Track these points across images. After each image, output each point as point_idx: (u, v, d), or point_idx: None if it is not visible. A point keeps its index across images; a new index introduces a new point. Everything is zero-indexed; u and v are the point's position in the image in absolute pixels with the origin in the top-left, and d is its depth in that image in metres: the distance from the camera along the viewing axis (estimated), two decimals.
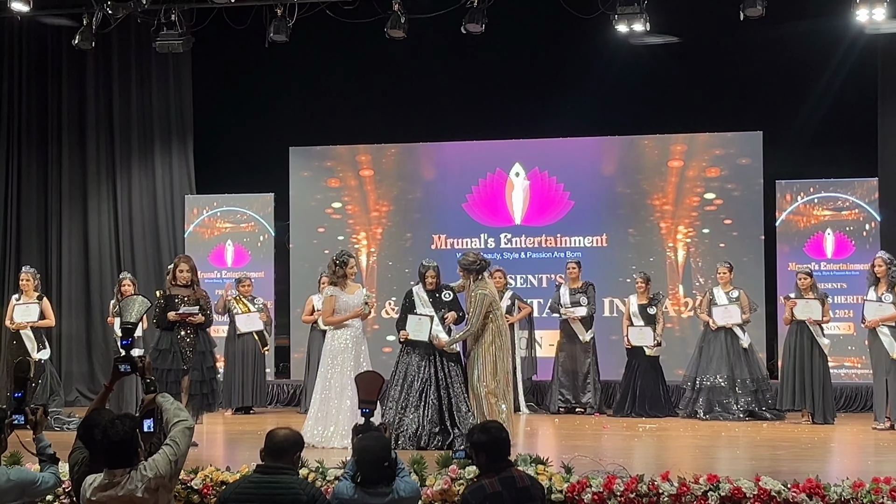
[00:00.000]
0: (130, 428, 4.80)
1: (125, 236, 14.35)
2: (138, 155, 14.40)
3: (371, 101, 13.84)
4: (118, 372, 5.21)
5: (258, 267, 13.94)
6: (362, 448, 5.17)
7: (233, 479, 7.05)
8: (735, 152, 13.48)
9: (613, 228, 13.67)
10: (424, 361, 9.44)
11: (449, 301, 9.65)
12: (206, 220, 14.24)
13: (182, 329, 9.56)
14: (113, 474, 4.78)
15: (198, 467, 7.48)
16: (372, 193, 14.20)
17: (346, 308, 9.59)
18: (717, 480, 6.95)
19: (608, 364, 12.61)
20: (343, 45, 13.39)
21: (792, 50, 12.81)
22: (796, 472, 7.42)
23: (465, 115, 13.72)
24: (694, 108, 13.43)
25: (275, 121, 14.15)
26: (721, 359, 11.70)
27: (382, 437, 5.31)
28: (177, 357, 9.44)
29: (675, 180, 13.55)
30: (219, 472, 7.45)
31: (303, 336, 13.20)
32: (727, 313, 11.74)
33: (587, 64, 13.20)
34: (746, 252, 13.18)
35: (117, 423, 4.80)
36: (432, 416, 9.24)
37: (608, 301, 13.41)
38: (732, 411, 11.59)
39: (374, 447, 5.15)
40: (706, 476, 7.01)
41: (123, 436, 4.76)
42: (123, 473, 4.77)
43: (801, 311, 11.25)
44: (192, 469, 7.38)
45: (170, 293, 9.65)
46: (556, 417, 12.08)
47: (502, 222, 13.78)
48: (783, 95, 13.26)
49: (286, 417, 11.85)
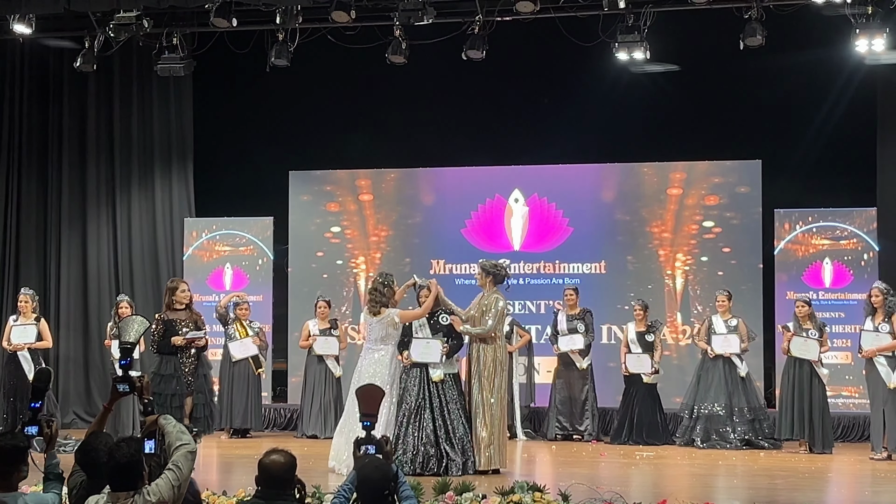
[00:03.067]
0: (136, 450, 4.78)
1: (124, 259, 14.37)
2: (138, 177, 14.44)
3: (371, 126, 13.91)
4: (116, 392, 5.21)
5: (257, 290, 13.96)
6: (363, 477, 5.08)
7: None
8: (734, 181, 13.53)
9: (612, 255, 13.71)
10: (419, 382, 9.42)
11: (447, 325, 9.62)
12: (205, 244, 14.28)
13: (184, 353, 9.56)
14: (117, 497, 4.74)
15: None
16: (371, 218, 14.25)
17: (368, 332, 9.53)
18: None
19: (606, 391, 12.62)
20: (344, 70, 13.45)
21: (792, 79, 12.87)
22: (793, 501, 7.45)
23: (464, 140, 13.78)
24: (693, 136, 13.49)
25: (275, 145, 14.20)
26: (719, 387, 11.71)
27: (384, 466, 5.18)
28: (180, 382, 9.44)
29: (675, 208, 13.60)
30: (215, 497, 7.45)
31: (300, 360, 13.20)
32: (726, 342, 11.76)
33: (588, 91, 13.26)
34: (745, 280, 13.21)
35: (123, 446, 4.78)
36: (427, 437, 9.22)
37: (606, 328, 13.44)
38: (730, 440, 11.59)
39: (376, 477, 5.06)
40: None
41: (130, 458, 4.74)
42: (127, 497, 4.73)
43: (797, 348, 11.26)
44: None
45: (167, 317, 9.65)
46: (554, 444, 12.08)
47: (501, 248, 13.80)
48: (782, 125, 13.32)
49: (283, 441, 11.82)
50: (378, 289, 9.48)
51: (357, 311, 13.81)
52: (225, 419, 12.43)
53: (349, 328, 13.87)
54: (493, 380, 9.34)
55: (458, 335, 9.58)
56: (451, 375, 9.51)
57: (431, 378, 9.37)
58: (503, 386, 9.44)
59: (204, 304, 13.01)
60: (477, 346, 9.43)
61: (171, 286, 9.92)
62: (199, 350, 9.71)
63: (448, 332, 9.56)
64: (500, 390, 9.39)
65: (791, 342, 11.29)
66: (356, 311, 13.86)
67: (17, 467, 4.97)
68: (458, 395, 9.43)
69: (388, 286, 9.49)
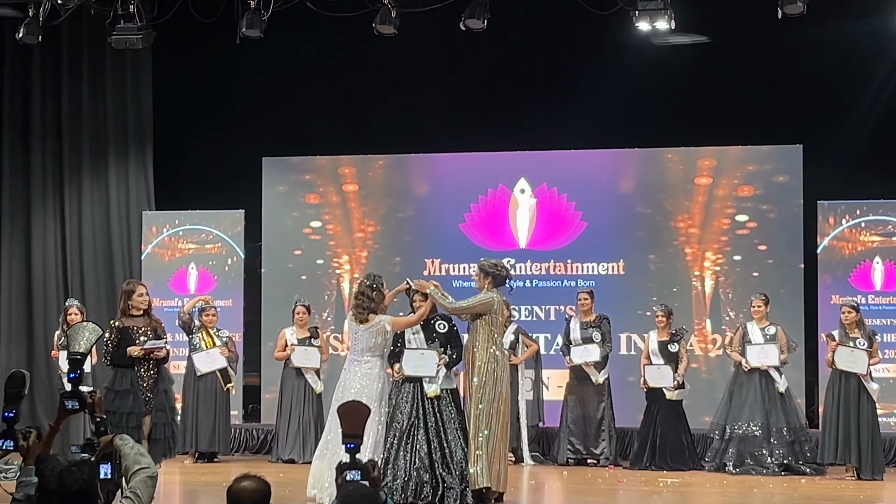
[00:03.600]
0: (90, 476, 4.75)
1: (74, 258, 14.35)
2: (90, 165, 14.43)
3: (357, 106, 13.89)
4: (65, 409, 5.18)
5: (225, 294, 13.95)
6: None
7: None
8: (771, 169, 13.53)
9: (632, 254, 13.71)
10: (412, 398, 9.40)
11: (444, 332, 9.58)
12: (166, 241, 14.25)
13: (142, 366, 9.53)
14: None
15: None
16: (356, 211, 14.24)
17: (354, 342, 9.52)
18: None
19: (624, 409, 12.62)
20: (326, 42, 13.43)
21: (837, 53, 12.88)
22: None
23: (463, 123, 13.77)
24: (725, 117, 13.49)
25: (246, 128, 14.19)
26: (755, 405, 11.69)
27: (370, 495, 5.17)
28: (137, 398, 9.41)
29: (703, 200, 13.59)
30: None
31: (275, 374, 13.18)
32: (763, 353, 11.74)
33: (603, 67, 13.25)
34: (783, 282, 13.21)
35: (75, 471, 4.74)
36: (420, 461, 9.19)
37: (625, 337, 13.43)
38: (766, 464, 11.58)
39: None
40: None
41: (83, 485, 4.71)
42: None
43: (842, 360, 11.25)
44: None
45: (123, 325, 9.61)
46: (565, 470, 12.08)
47: (505, 246, 13.80)
48: (827, 105, 13.31)
49: (256, 466, 11.79)
50: (365, 293, 9.43)
51: (340, 317, 13.79)
52: (189, 441, 12.40)
53: (331, 337, 13.86)
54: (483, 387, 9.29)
55: (458, 344, 9.55)
56: (449, 391, 9.47)
57: (426, 394, 9.35)
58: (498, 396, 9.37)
59: (165, 310, 12.99)
60: (469, 353, 9.40)
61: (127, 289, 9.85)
62: (160, 362, 9.64)
63: (446, 342, 9.54)
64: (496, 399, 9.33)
65: (836, 353, 11.27)
66: (339, 317, 13.84)
67: None
68: (457, 413, 9.40)
69: (376, 289, 9.45)
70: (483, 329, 9.35)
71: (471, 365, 9.36)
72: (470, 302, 9.37)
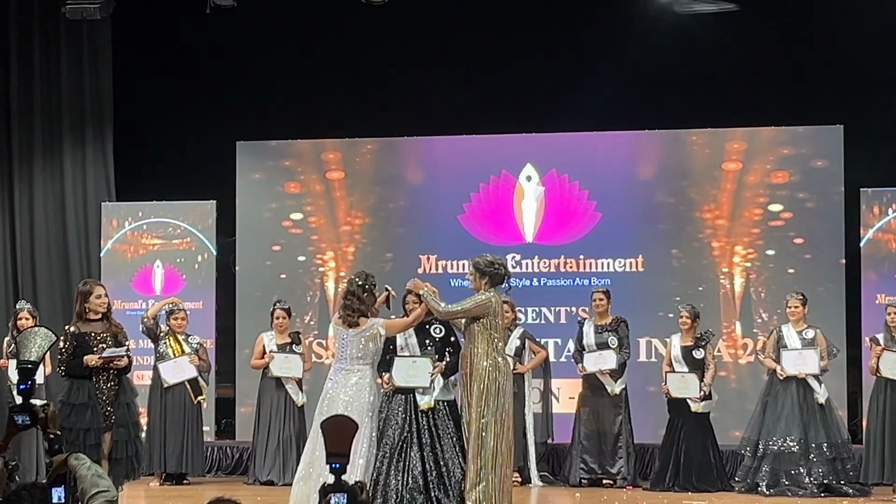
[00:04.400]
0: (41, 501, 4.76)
1: (24, 255, 14.35)
2: (42, 151, 14.42)
3: (342, 84, 13.90)
4: (14, 425, 5.16)
5: (195, 295, 13.95)
6: None
7: None
8: (808, 152, 13.53)
9: (652, 249, 13.72)
10: (404, 411, 9.38)
11: (440, 337, 9.58)
12: (128, 235, 14.25)
13: (101, 377, 9.51)
14: None
15: None
16: (342, 201, 14.23)
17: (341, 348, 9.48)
18: None
19: (644, 423, 12.62)
20: (306, 12, 13.43)
21: (882, 24, 12.86)
22: None
23: (462, 102, 13.79)
24: (756, 95, 13.52)
25: (218, 109, 14.20)
26: (791, 417, 11.68)
27: None
28: (96, 412, 9.39)
29: (732, 187, 13.59)
30: None
31: (251, 385, 13.17)
32: (801, 359, 11.72)
33: (619, 39, 13.27)
34: (823, 280, 13.22)
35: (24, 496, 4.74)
36: (413, 481, 9.18)
37: (644, 342, 13.44)
38: (804, 485, 11.57)
39: None
40: None
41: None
42: None
43: (888, 366, 11.25)
44: None
45: (79, 330, 9.59)
46: (578, 491, 12.07)
47: (509, 240, 13.81)
48: (870, 81, 13.34)
49: (231, 489, 11.82)
50: (356, 293, 9.39)
51: (325, 321, 13.77)
52: (156, 461, 12.40)
53: (315, 343, 13.86)
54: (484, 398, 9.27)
55: (456, 350, 9.53)
56: (445, 403, 9.48)
57: (419, 406, 9.34)
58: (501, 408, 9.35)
59: (127, 314, 13.00)
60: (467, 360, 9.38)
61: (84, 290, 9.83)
62: (121, 372, 9.64)
63: (443, 348, 9.53)
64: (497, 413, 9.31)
65: (881, 359, 11.26)
66: (324, 321, 13.82)
67: None
68: (455, 428, 9.40)
69: (368, 291, 9.42)
70: (482, 334, 9.29)
71: (469, 375, 9.32)
72: (464, 305, 9.32)
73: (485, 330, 9.33)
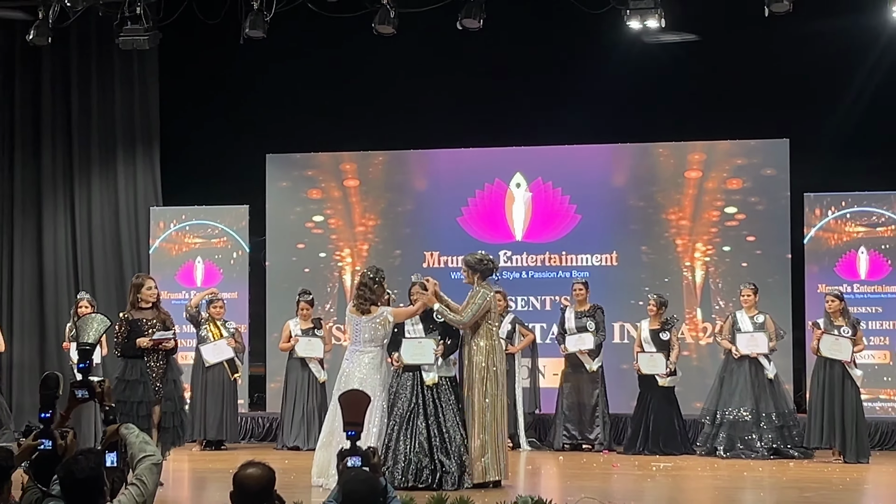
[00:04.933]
0: (96, 464, 4.73)
1: (84, 253, 14.35)
2: (99, 163, 14.42)
3: (357, 104, 13.87)
4: (75, 398, 5.18)
5: (231, 287, 13.95)
6: (349, 492, 5.01)
7: None
8: (759, 162, 13.53)
9: (625, 246, 13.71)
10: (412, 386, 9.41)
11: (442, 322, 9.61)
12: (173, 235, 14.26)
13: (151, 357, 9.55)
14: None
15: None
16: (357, 206, 14.23)
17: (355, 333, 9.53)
18: None
19: (618, 396, 12.62)
20: (326, 42, 13.41)
21: (822, 50, 12.84)
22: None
23: (460, 119, 13.77)
24: (714, 113, 13.48)
25: (250, 126, 14.18)
26: (745, 391, 11.71)
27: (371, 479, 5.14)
28: (147, 388, 9.43)
29: (693, 192, 13.59)
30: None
31: (279, 365, 13.20)
32: (753, 341, 11.76)
33: (596, 64, 13.24)
34: (771, 272, 13.22)
35: (81, 459, 4.73)
36: (419, 447, 9.21)
37: (618, 326, 13.44)
38: (756, 449, 11.60)
39: (362, 492, 4.99)
40: None
41: (89, 473, 4.70)
42: None
43: (827, 347, 11.28)
44: None
45: (132, 317, 9.63)
46: (561, 455, 12.08)
47: (502, 238, 13.81)
48: (812, 100, 13.29)
49: (262, 454, 11.82)
50: (367, 284, 9.49)
51: (343, 308, 13.68)
52: (198, 429, 12.42)
53: (334, 328, 13.87)
54: (485, 382, 9.32)
55: (455, 334, 9.58)
56: (447, 378, 9.52)
57: (425, 382, 9.38)
58: (499, 389, 9.41)
59: (172, 303, 13.01)
60: (468, 346, 9.42)
61: (137, 283, 9.88)
62: (168, 353, 9.69)
63: (444, 331, 9.57)
64: (496, 393, 9.36)
65: (821, 341, 11.29)
66: (341, 308, 13.80)
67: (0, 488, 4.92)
68: (455, 400, 9.43)
69: (378, 283, 9.51)
70: (482, 323, 9.43)
71: (472, 358, 9.37)
72: (473, 310, 9.39)
73: (483, 321, 9.41)
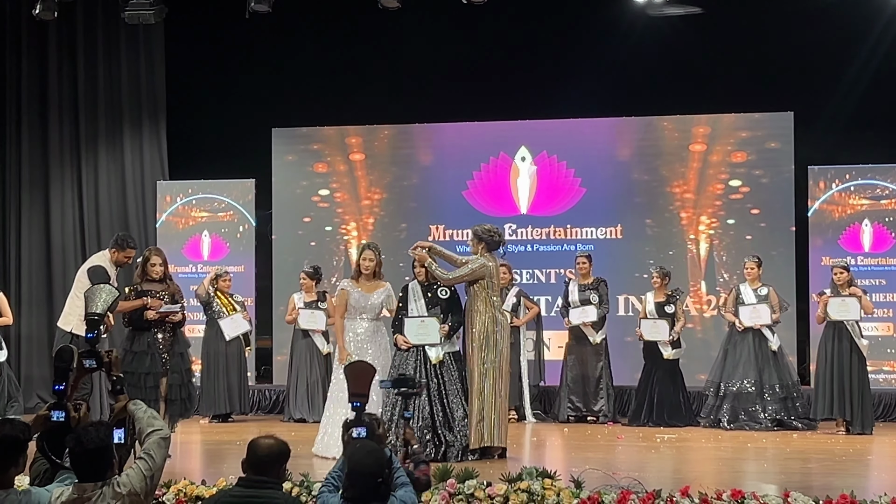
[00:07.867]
0: (106, 436, 4.73)
1: (91, 227, 14.34)
2: (105, 137, 14.40)
3: (362, 77, 13.84)
4: (82, 368, 5.16)
5: (237, 260, 13.96)
6: (354, 464, 5.02)
7: (209, 494, 7.04)
8: (763, 135, 13.49)
9: (629, 219, 13.70)
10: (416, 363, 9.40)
11: (446, 299, 9.55)
12: (180, 209, 14.25)
13: (159, 329, 9.56)
14: (83, 488, 4.70)
15: (171, 481, 7.46)
16: (363, 179, 14.21)
17: (356, 306, 9.59)
18: (742, 496, 6.95)
19: (622, 368, 12.64)
20: (332, 15, 13.37)
21: (827, 23, 12.78)
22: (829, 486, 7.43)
23: (466, 93, 13.72)
24: (718, 86, 13.44)
25: (256, 99, 14.14)
26: (748, 363, 11.71)
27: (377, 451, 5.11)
28: (154, 359, 9.44)
29: (698, 166, 13.56)
30: (193, 486, 7.43)
31: (286, 337, 13.21)
32: (756, 313, 11.75)
33: (601, 37, 13.20)
34: (776, 245, 13.21)
35: (91, 430, 4.73)
36: (424, 421, 9.21)
37: (623, 299, 13.44)
38: (760, 420, 11.60)
39: (368, 463, 5.00)
40: (730, 491, 7.01)
41: (98, 444, 4.69)
42: (94, 488, 4.69)
43: (835, 309, 11.23)
44: (164, 483, 7.37)
45: (141, 289, 9.63)
46: (566, 427, 12.09)
47: (506, 212, 13.79)
48: (817, 73, 13.26)
49: (269, 426, 11.85)
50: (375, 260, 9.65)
51: None
52: (207, 402, 12.44)
53: None
54: (483, 349, 9.30)
55: (458, 311, 9.52)
56: (451, 354, 9.49)
57: (429, 359, 9.37)
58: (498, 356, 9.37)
59: (180, 276, 12.99)
60: (468, 317, 9.41)
61: (144, 257, 9.88)
62: (176, 326, 9.68)
63: (448, 309, 9.51)
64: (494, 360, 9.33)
65: (828, 305, 11.21)
66: None
67: (15, 460, 4.90)
68: (458, 375, 9.42)
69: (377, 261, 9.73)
70: (481, 292, 9.38)
71: (471, 327, 9.38)
72: (464, 271, 9.38)
73: (483, 289, 9.38)
